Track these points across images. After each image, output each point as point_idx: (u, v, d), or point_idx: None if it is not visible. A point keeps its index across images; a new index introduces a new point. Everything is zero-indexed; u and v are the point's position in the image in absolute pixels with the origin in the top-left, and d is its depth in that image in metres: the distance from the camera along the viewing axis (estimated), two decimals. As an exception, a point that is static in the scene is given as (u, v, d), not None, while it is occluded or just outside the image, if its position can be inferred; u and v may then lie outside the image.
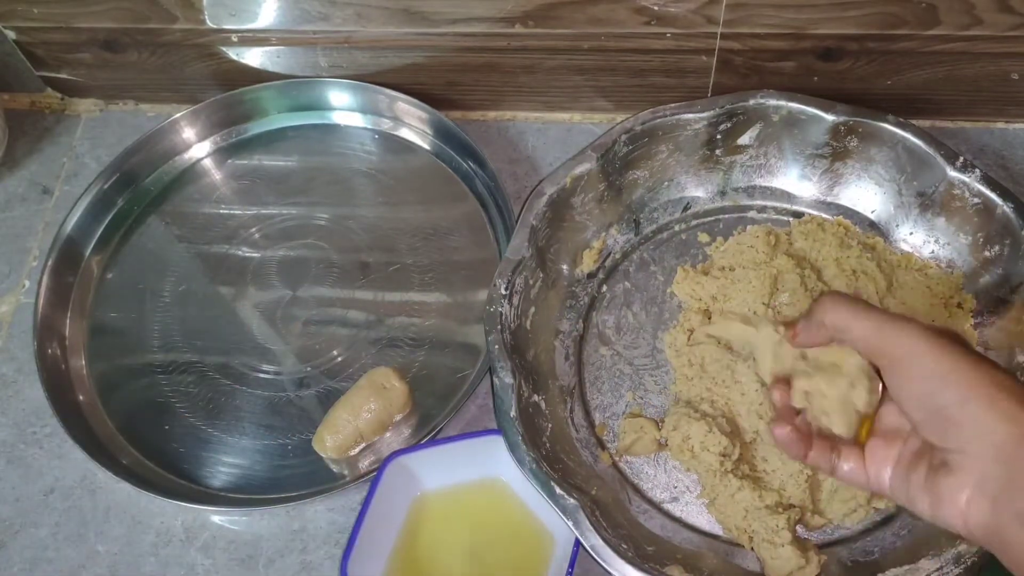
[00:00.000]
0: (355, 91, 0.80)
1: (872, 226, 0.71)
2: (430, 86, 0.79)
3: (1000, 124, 0.78)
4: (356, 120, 0.82)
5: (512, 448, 0.58)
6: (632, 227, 0.73)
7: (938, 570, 0.56)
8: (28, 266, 0.77)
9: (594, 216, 0.71)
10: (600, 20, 0.70)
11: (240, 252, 0.76)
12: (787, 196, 0.73)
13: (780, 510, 0.59)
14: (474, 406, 0.68)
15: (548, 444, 0.62)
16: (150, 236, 0.78)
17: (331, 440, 0.64)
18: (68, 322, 0.74)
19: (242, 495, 0.65)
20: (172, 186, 0.81)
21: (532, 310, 0.67)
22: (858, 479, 0.48)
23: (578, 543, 0.56)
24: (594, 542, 0.56)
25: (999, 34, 0.68)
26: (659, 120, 0.69)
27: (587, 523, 0.56)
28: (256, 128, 0.83)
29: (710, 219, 0.73)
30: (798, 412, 0.51)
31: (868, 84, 0.74)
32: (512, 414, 0.59)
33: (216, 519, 0.65)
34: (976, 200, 0.65)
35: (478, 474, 0.62)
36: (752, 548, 0.60)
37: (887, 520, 0.61)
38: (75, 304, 0.74)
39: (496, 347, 0.62)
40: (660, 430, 0.64)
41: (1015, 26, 0.68)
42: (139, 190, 0.80)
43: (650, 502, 0.63)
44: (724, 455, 0.60)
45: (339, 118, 0.82)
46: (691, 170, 0.73)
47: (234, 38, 0.77)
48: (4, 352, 0.73)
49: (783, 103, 0.69)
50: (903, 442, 0.47)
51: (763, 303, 0.65)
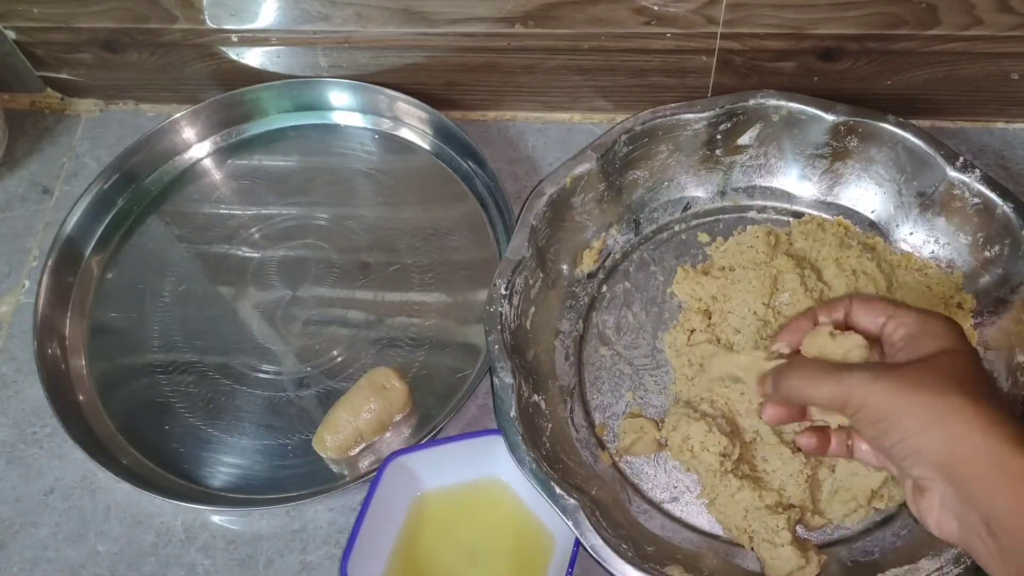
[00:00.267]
0: (355, 91, 0.80)
1: (872, 226, 0.71)
2: (430, 86, 0.79)
3: (1000, 124, 0.78)
4: (356, 120, 0.82)
5: (512, 448, 0.58)
6: (632, 227, 0.73)
7: (938, 570, 0.56)
8: (28, 266, 0.77)
9: (594, 216, 0.71)
10: (600, 20, 0.70)
11: (240, 252, 0.76)
12: (787, 196, 0.73)
13: (780, 510, 0.59)
14: (474, 406, 0.68)
15: (548, 444, 0.62)
16: (150, 236, 0.78)
17: (331, 440, 0.64)
18: (68, 322, 0.74)
19: (242, 495, 0.65)
20: (172, 186, 0.81)
21: (532, 310, 0.67)
22: (874, 459, 0.51)
23: (578, 543, 0.56)
24: (594, 542, 0.56)
25: (999, 34, 0.68)
26: (659, 120, 0.69)
27: (587, 523, 0.56)
28: (256, 128, 0.83)
29: (710, 219, 0.73)
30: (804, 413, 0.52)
31: (868, 84, 0.74)
32: (512, 414, 0.59)
33: (216, 519, 0.65)
34: (976, 200, 0.65)
35: (478, 474, 0.62)
36: (752, 548, 0.60)
37: (887, 520, 0.61)
38: (75, 304, 0.74)
39: (496, 347, 0.62)
40: (660, 430, 0.64)
41: (1015, 26, 0.68)
42: (139, 190, 0.80)
43: (650, 502, 0.63)
44: (724, 455, 0.60)
45: (339, 118, 0.82)
46: (691, 170, 0.73)
47: (234, 38, 0.77)
48: (4, 352, 0.73)
49: (783, 103, 0.69)
50: None
51: (763, 303, 0.65)
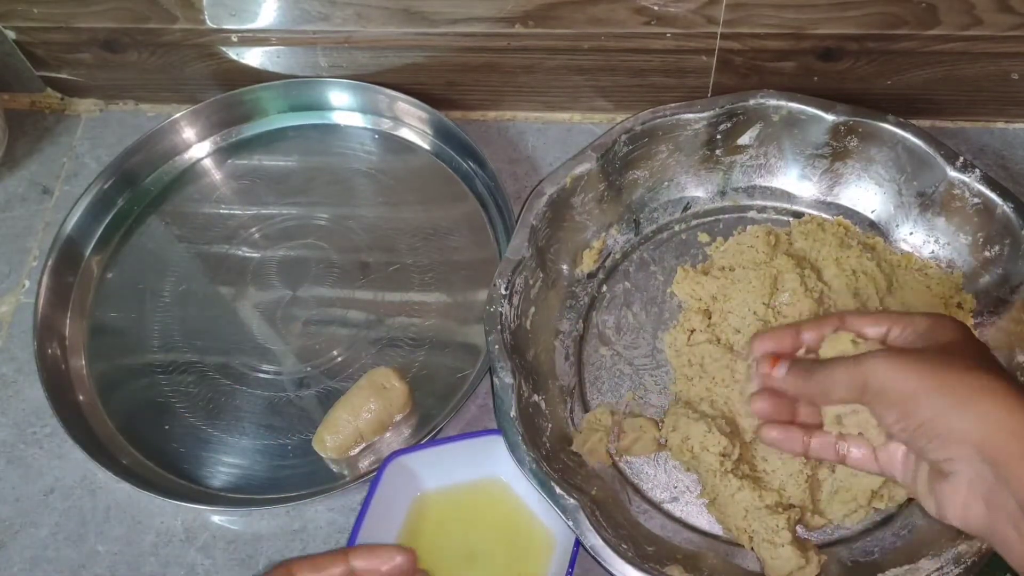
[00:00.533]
0: (355, 91, 0.80)
1: (872, 226, 0.71)
2: (430, 86, 0.79)
3: (1000, 124, 0.78)
4: (356, 120, 0.82)
5: (512, 448, 0.58)
6: (632, 227, 0.73)
7: (938, 570, 0.55)
8: (28, 266, 0.77)
9: (594, 216, 0.71)
10: (600, 20, 0.70)
11: (240, 252, 0.76)
12: (787, 196, 0.73)
13: (780, 510, 0.59)
14: (474, 406, 0.68)
15: (548, 444, 0.62)
16: (150, 236, 0.78)
17: (331, 440, 0.64)
18: (68, 322, 0.74)
19: (242, 495, 0.65)
20: (172, 186, 0.80)
21: (532, 310, 0.67)
22: (868, 466, 0.49)
23: (578, 543, 0.56)
24: (594, 542, 0.56)
25: (999, 34, 0.68)
26: (659, 120, 0.69)
27: (587, 523, 0.56)
28: (256, 128, 0.83)
29: (710, 219, 0.73)
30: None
31: (868, 84, 0.74)
32: (512, 414, 0.59)
33: (216, 519, 0.65)
34: (976, 200, 0.65)
35: (478, 474, 0.62)
36: (752, 548, 0.60)
37: (887, 520, 0.61)
38: (75, 304, 0.74)
39: (496, 347, 0.62)
40: (660, 430, 0.64)
41: (1015, 26, 0.68)
42: (139, 190, 0.80)
43: (650, 502, 0.63)
44: (724, 455, 0.60)
45: (339, 118, 0.82)
46: (691, 170, 0.73)
47: (234, 38, 0.77)
48: (4, 352, 0.73)
49: (783, 103, 0.69)
50: None
51: (763, 303, 0.65)
